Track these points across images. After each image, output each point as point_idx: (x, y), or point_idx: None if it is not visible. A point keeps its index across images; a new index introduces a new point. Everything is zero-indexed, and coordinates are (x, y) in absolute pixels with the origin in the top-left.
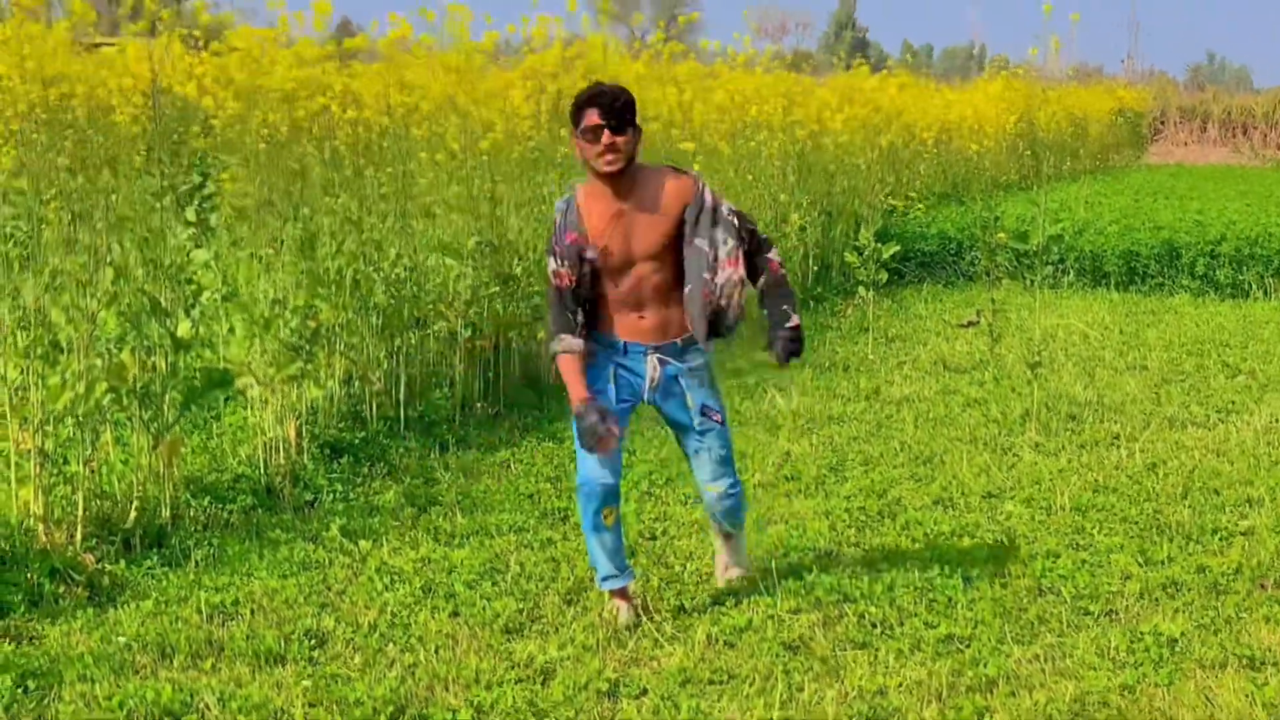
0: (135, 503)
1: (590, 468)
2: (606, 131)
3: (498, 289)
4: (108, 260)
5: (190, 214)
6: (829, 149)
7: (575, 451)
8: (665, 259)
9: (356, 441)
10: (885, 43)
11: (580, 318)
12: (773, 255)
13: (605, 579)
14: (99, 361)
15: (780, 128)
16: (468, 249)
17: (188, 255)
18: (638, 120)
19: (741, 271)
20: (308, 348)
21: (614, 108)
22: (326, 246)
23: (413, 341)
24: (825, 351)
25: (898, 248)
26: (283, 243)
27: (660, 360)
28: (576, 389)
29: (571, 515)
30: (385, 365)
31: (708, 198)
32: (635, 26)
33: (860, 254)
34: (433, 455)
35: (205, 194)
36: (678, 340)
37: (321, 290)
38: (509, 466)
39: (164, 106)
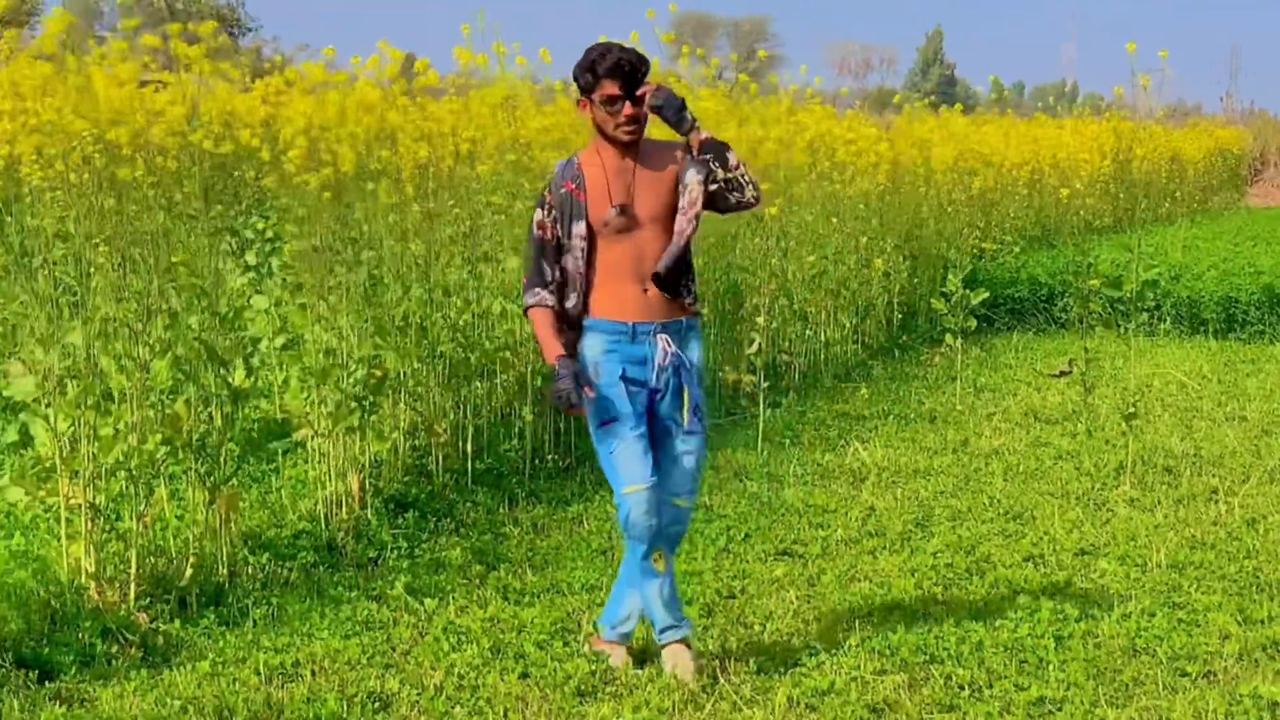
0: (191, 559)
1: (634, 502)
2: (628, 104)
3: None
4: (161, 307)
5: (251, 257)
6: (915, 190)
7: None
8: (665, 226)
9: (422, 495)
10: (974, 79)
11: (557, 274)
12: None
13: (664, 630)
14: (153, 412)
15: (864, 169)
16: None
17: (246, 301)
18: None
19: (698, 207)
20: (371, 398)
21: (636, 79)
22: (392, 291)
23: (480, 391)
24: (911, 402)
25: (987, 294)
26: (346, 289)
27: (668, 342)
28: (550, 346)
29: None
30: (451, 416)
31: (691, 170)
32: (712, 63)
33: (948, 300)
34: (501, 509)
35: (266, 237)
36: (683, 319)
37: (386, 339)
38: (581, 521)
39: (222, 145)
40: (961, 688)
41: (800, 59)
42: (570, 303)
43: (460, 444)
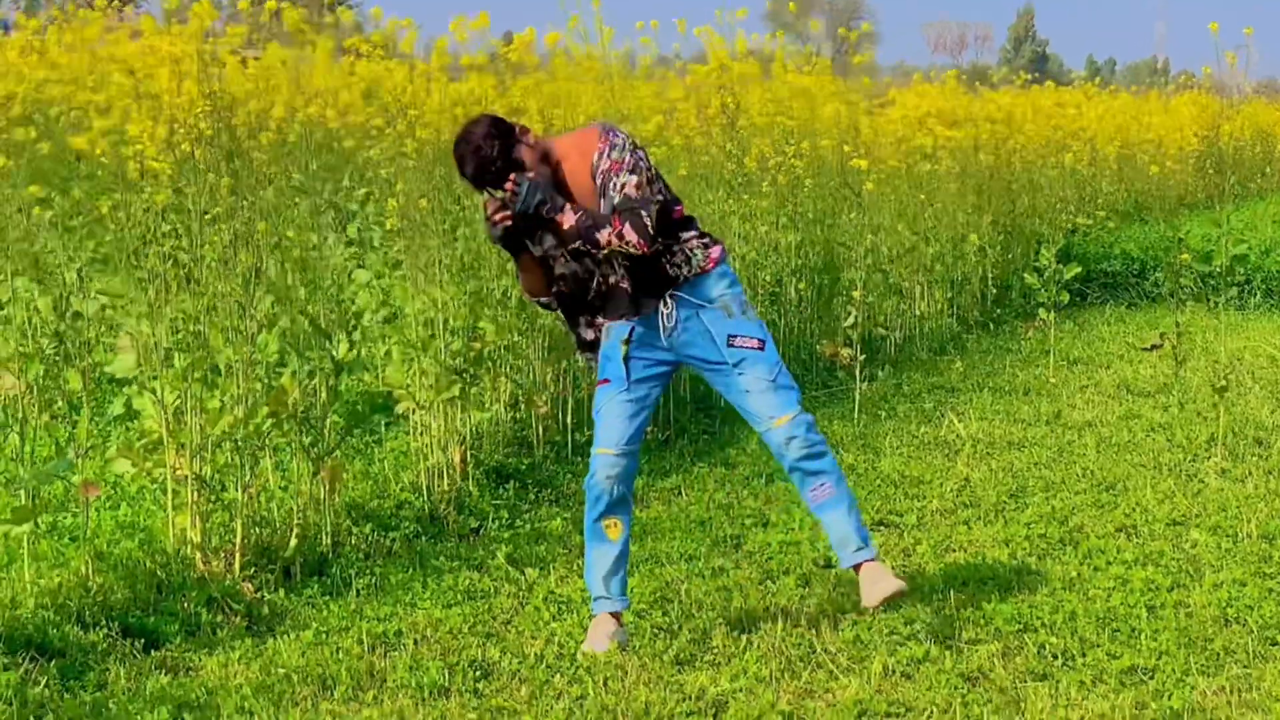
0: (295, 530)
1: (600, 464)
2: (486, 198)
3: None
4: (267, 281)
5: (352, 231)
6: (1010, 167)
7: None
8: None
9: (523, 467)
10: (1066, 56)
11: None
12: (629, 225)
13: (597, 599)
14: (259, 385)
15: (958, 146)
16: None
17: (348, 275)
18: (514, 138)
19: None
20: (471, 370)
21: (480, 181)
22: (491, 266)
23: (580, 364)
24: (1005, 375)
25: (1079, 269)
26: (442, 262)
27: (672, 296)
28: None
29: (745, 542)
30: (552, 388)
31: (599, 165)
32: (810, 37)
33: (1041, 275)
34: None
35: (367, 212)
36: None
37: (487, 311)
38: (679, 492)
39: (320, 124)
40: (1054, 656)
41: (895, 37)
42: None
43: (560, 416)
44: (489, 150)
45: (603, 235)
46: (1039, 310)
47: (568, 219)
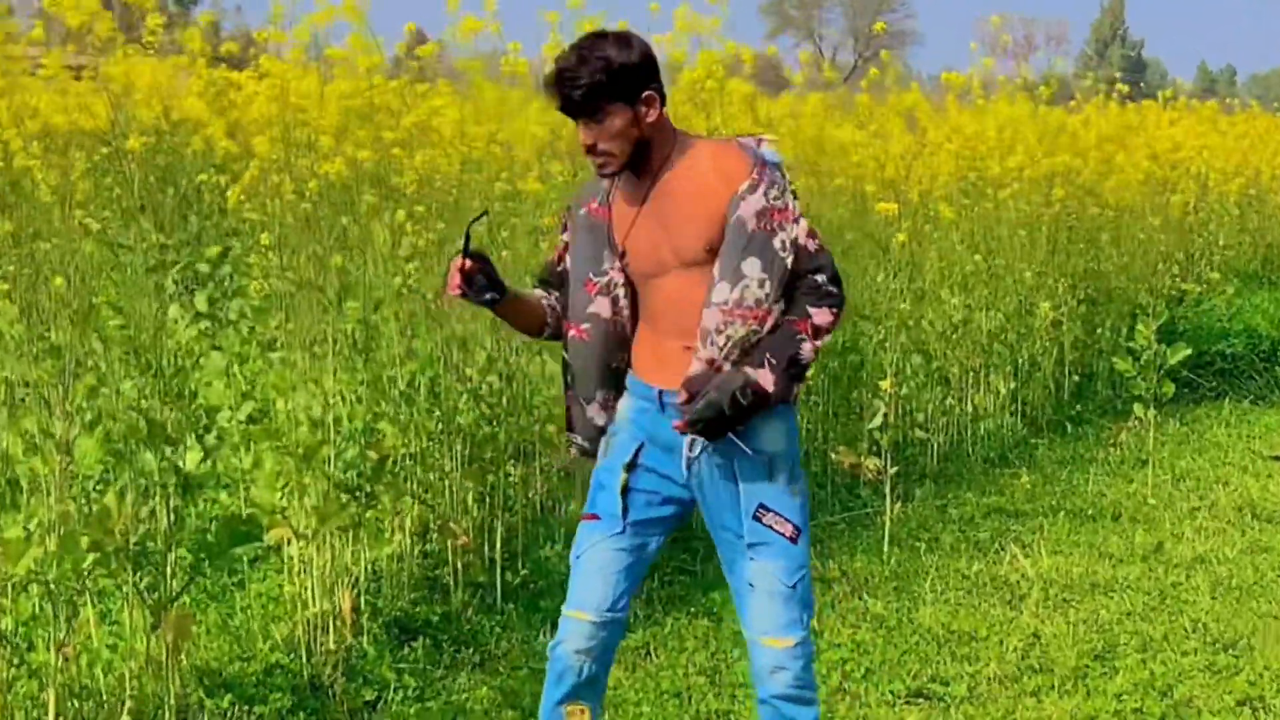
0: (128, 703)
1: (570, 631)
2: (580, 126)
3: None
4: (87, 367)
5: (201, 301)
6: (1095, 212)
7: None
8: (709, 270)
9: (435, 619)
10: (1169, 62)
11: (553, 298)
12: (815, 313)
13: None
14: (75, 508)
15: (1028, 181)
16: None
17: (198, 360)
18: (647, 83)
19: (765, 329)
20: (367, 488)
21: (572, 98)
22: (392, 346)
23: (513, 478)
24: (1088, 493)
25: (1189, 350)
26: (334, 341)
27: None
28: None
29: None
30: (475, 512)
31: (749, 206)
32: (824, 40)
33: (1136, 359)
34: (541, 637)
35: (225, 273)
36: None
37: (385, 407)
38: (648, 653)
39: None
40: None
41: (940, 35)
42: (614, 361)
43: (486, 549)
44: (601, 71)
45: (806, 352)
46: (1133, 406)
47: (766, 384)
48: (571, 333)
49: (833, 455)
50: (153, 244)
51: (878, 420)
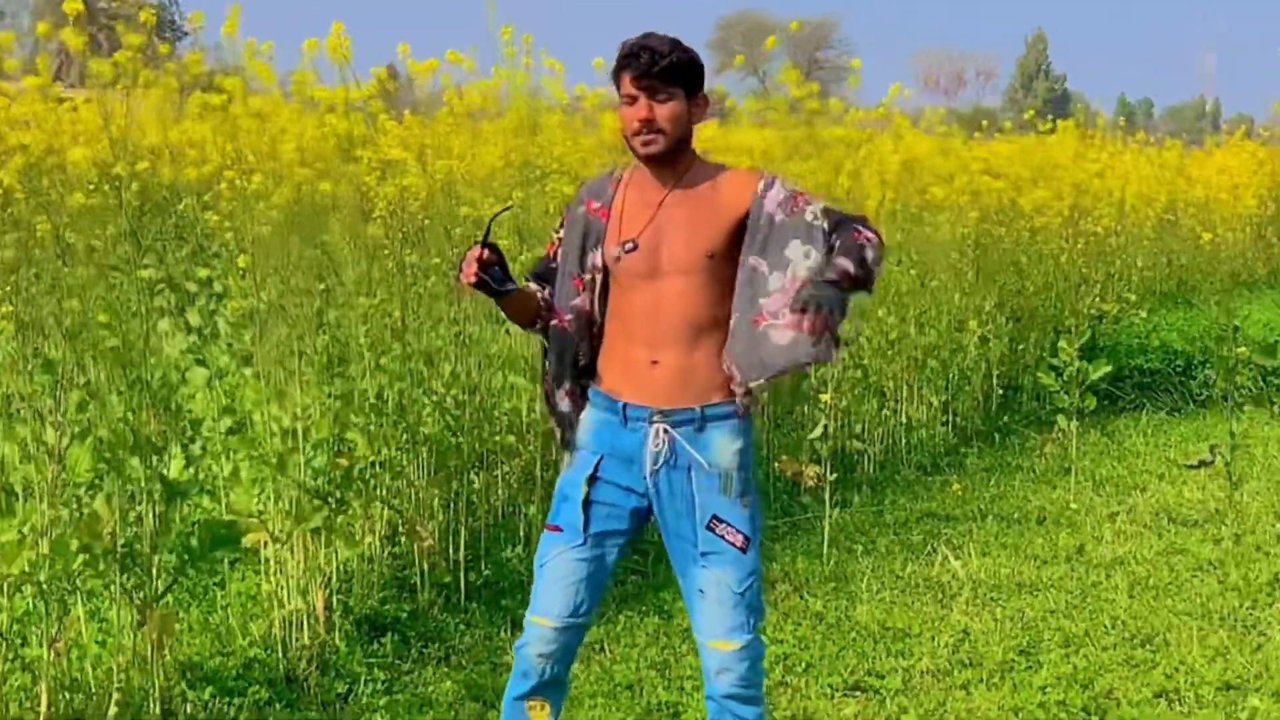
0: (115, 695)
1: (534, 636)
2: (643, 100)
3: None
4: (78, 381)
5: (194, 316)
6: (1018, 236)
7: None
8: (702, 281)
9: (403, 616)
10: (1090, 95)
11: (546, 293)
12: (863, 229)
13: None
14: (67, 513)
15: (955, 206)
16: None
17: (183, 374)
18: (702, 88)
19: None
20: (338, 494)
21: (653, 69)
22: (363, 361)
23: (476, 485)
24: (1015, 499)
25: (1109, 366)
26: (302, 356)
27: (667, 433)
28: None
29: (685, 712)
30: (440, 516)
31: (771, 199)
32: (767, 76)
33: (1059, 374)
34: (502, 633)
35: (212, 291)
36: (698, 408)
37: (356, 418)
38: (601, 648)
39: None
40: None
41: (877, 71)
42: (581, 355)
43: (451, 551)
44: (683, 55)
45: (871, 252)
46: (1057, 417)
47: (851, 269)
48: (554, 321)
49: (775, 464)
50: (141, 266)
51: (818, 431)
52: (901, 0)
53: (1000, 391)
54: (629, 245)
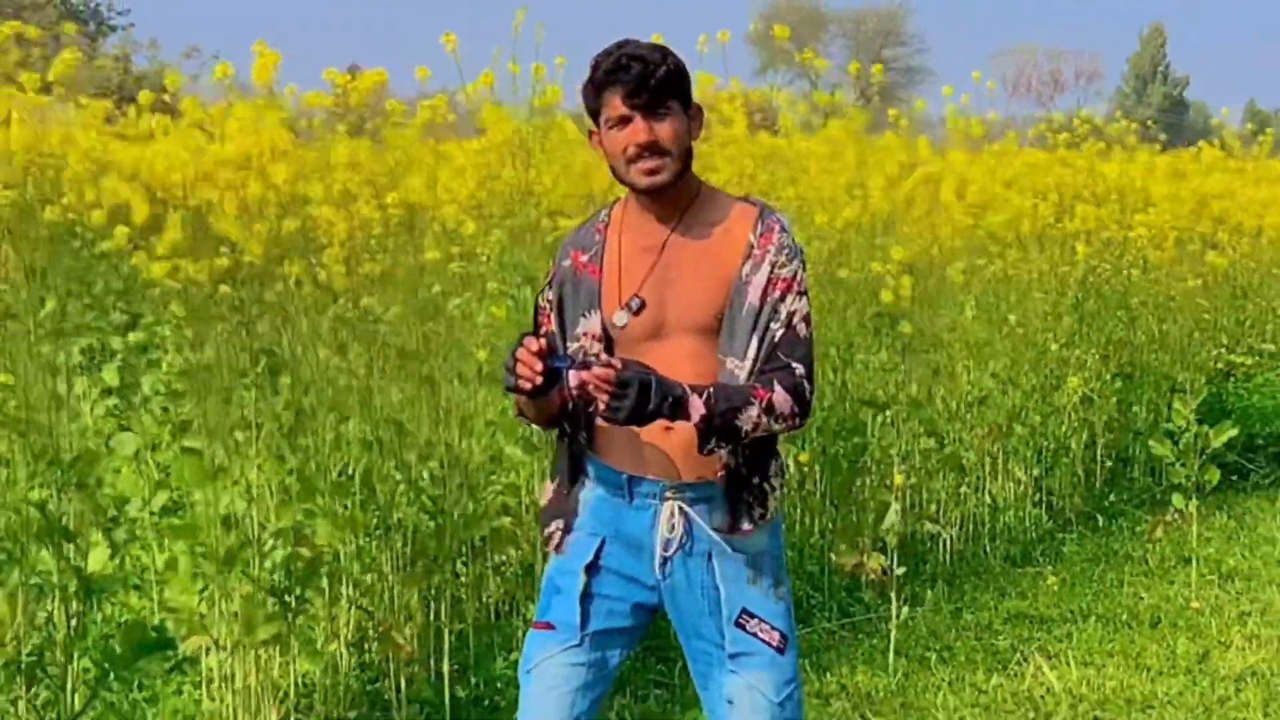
0: None
1: None
2: (639, 120)
3: None
4: None
5: (110, 375)
6: (1129, 275)
7: None
8: (717, 340)
9: None
10: (1214, 102)
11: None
12: (778, 389)
13: None
14: None
15: (1052, 239)
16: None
17: (106, 443)
18: (694, 99)
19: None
20: (298, 592)
21: (645, 83)
22: (322, 431)
23: (463, 579)
24: (1123, 596)
25: (1236, 431)
26: (256, 425)
27: (683, 511)
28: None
29: None
30: (419, 618)
31: (755, 286)
32: (819, 75)
33: (1176, 441)
34: None
35: (132, 344)
36: (716, 481)
37: (319, 501)
38: None
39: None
40: None
41: (955, 71)
42: (584, 440)
43: (433, 661)
44: (677, 64)
45: (747, 419)
46: (1173, 496)
47: (695, 412)
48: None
49: (832, 554)
50: (49, 312)
51: (891, 519)
52: None
53: (1105, 465)
54: (636, 303)
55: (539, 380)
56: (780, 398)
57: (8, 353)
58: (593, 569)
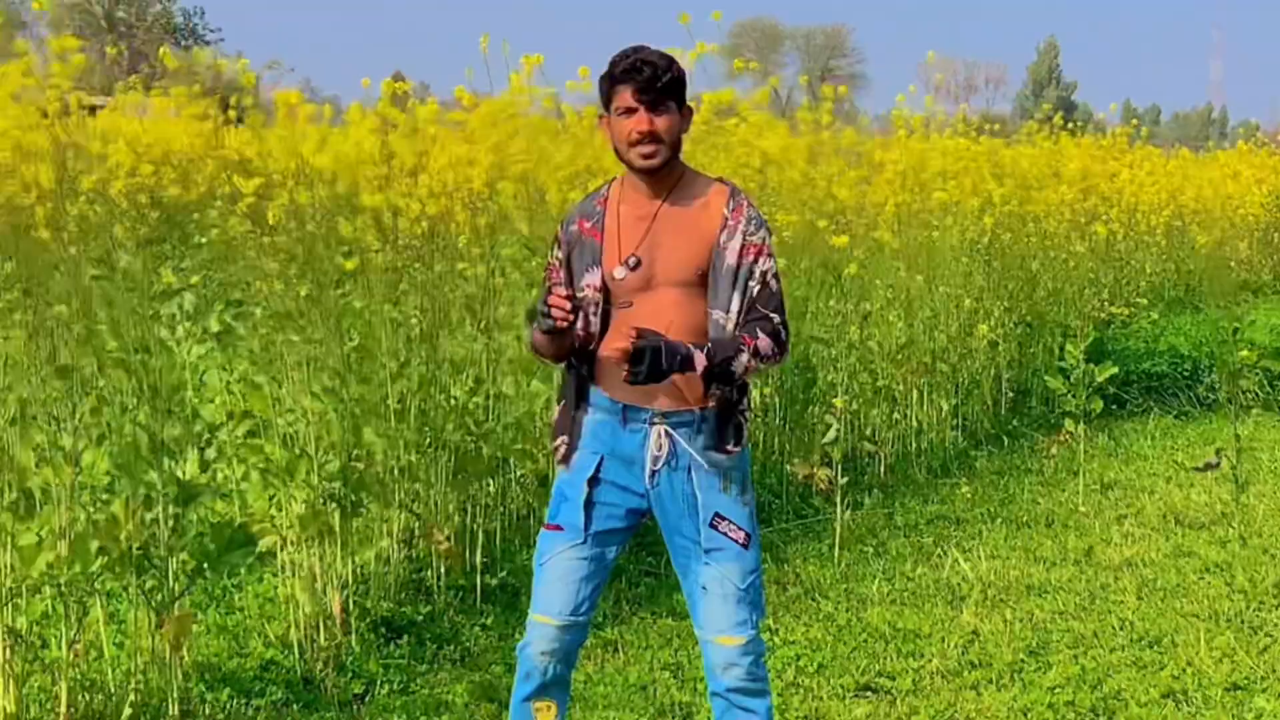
0: (133, 696)
1: (537, 635)
2: (643, 112)
3: None
4: (94, 386)
5: (214, 322)
6: (1029, 240)
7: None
8: (696, 291)
9: (419, 618)
10: (1098, 103)
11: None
12: (762, 336)
13: None
14: (85, 516)
15: (967, 212)
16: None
17: (201, 378)
18: (688, 100)
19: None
20: (352, 497)
21: (653, 84)
22: (387, 368)
23: (491, 489)
24: (1023, 502)
25: (1116, 369)
26: (313, 364)
27: (669, 434)
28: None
29: (698, 712)
30: (456, 520)
31: (731, 250)
32: (770, 81)
33: (1067, 377)
34: (517, 635)
35: (231, 297)
36: (698, 410)
37: (375, 423)
38: (615, 649)
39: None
40: None
41: (887, 79)
42: (587, 375)
43: (467, 554)
44: (679, 70)
45: (740, 363)
46: (1065, 421)
47: (699, 365)
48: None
49: (788, 466)
50: (152, 270)
51: (831, 435)
52: (912, 10)
53: (1009, 396)
54: (633, 261)
55: (571, 317)
56: (764, 343)
57: (117, 305)
58: (594, 481)
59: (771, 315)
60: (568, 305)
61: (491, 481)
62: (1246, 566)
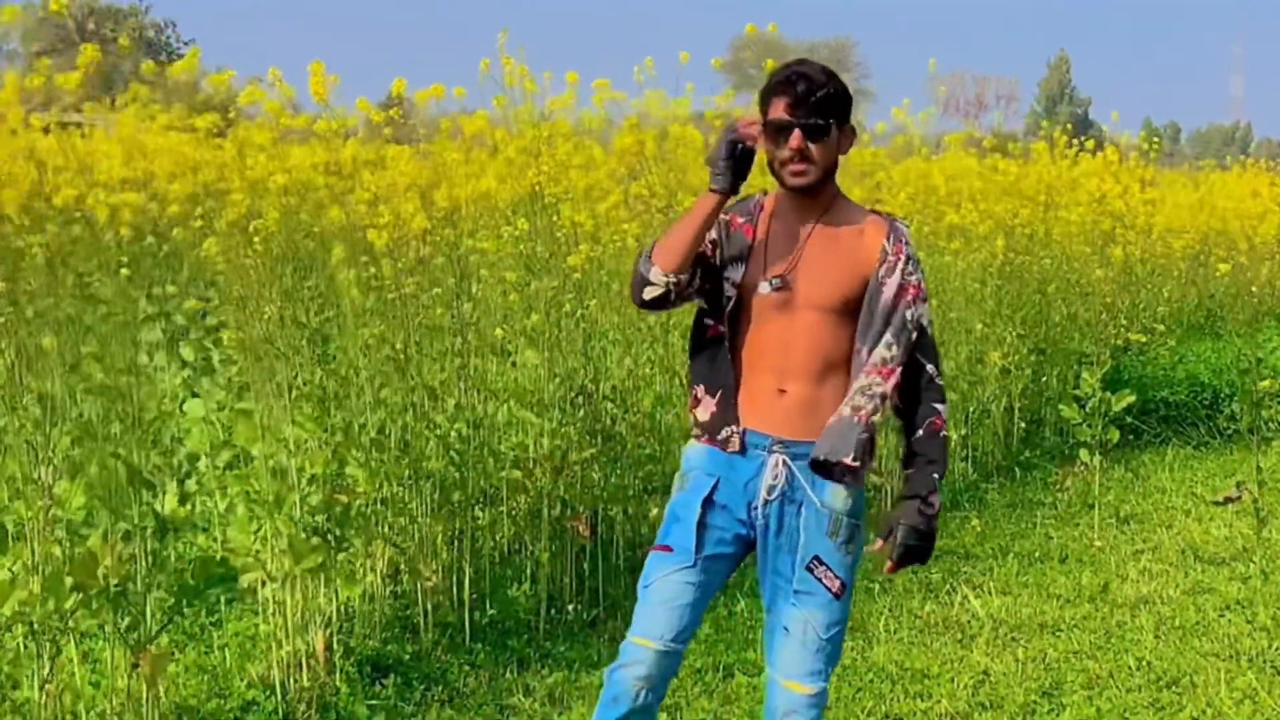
0: None
1: (633, 657)
2: (796, 131)
3: (594, 451)
4: (70, 415)
5: (188, 352)
6: (1043, 263)
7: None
8: (836, 319)
9: (406, 657)
10: (1110, 119)
11: (697, 281)
12: (941, 409)
13: None
14: (60, 551)
15: (980, 235)
16: (552, 397)
17: (180, 408)
18: (849, 119)
19: (889, 385)
20: (338, 532)
21: (810, 99)
22: (364, 395)
23: (481, 522)
24: (1036, 536)
25: (1133, 397)
26: (295, 391)
27: (786, 465)
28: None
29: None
30: (444, 554)
31: (890, 286)
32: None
33: (1082, 406)
34: (507, 674)
35: (207, 325)
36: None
37: (356, 454)
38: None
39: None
40: None
41: (895, 95)
42: (717, 361)
43: (455, 590)
44: (839, 87)
45: (946, 451)
46: (1080, 452)
47: (935, 498)
48: (709, 325)
49: None
50: (131, 299)
51: None
52: (919, 23)
53: (1022, 425)
54: (778, 282)
55: (759, 135)
56: (943, 412)
57: (101, 333)
58: (708, 503)
59: (931, 369)
60: (756, 131)
61: (480, 514)
62: (1268, 603)
